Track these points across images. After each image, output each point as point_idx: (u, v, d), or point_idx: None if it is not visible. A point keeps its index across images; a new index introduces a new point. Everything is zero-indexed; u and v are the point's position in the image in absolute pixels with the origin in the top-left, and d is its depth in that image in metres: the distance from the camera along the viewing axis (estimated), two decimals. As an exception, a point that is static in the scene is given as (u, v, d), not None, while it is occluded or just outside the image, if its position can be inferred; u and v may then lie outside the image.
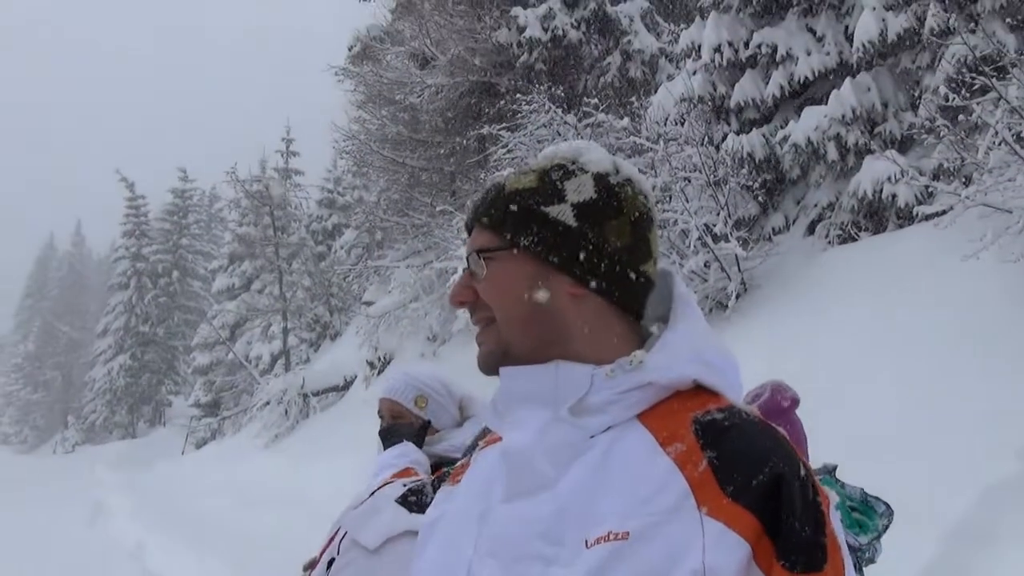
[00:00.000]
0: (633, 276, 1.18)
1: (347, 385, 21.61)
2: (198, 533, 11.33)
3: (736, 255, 10.20)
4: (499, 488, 1.16)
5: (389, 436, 2.62)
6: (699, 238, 10.31)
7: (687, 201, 10.49)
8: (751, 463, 1.02)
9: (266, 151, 33.43)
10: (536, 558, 1.06)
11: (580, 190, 1.17)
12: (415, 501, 2.05)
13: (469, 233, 1.24)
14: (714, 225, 10.42)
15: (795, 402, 3.03)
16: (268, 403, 22.71)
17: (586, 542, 1.04)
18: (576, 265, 1.15)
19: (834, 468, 2.99)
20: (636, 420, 1.11)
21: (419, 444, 2.58)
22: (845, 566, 1.02)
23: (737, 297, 10.28)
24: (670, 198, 10.77)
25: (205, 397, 32.61)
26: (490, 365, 1.20)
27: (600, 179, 1.19)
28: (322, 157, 31.38)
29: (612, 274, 1.16)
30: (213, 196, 52.44)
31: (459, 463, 1.38)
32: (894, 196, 9.65)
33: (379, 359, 19.54)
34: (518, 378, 1.16)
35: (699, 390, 1.13)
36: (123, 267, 45.24)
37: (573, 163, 1.20)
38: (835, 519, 1.04)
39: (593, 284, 1.16)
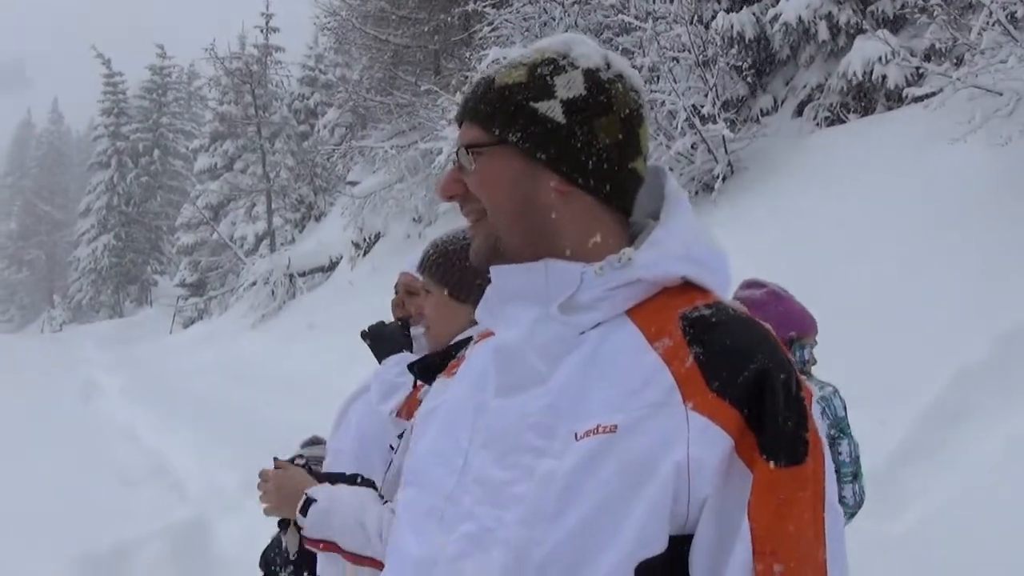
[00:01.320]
0: (622, 173, 1.18)
1: (333, 266, 21.67)
2: (190, 410, 11.49)
3: (723, 137, 10.13)
4: (492, 382, 1.19)
5: (378, 341, 2.50)
6: (686, 119, 10.22)
7: (675, 82, 10.35)
8: (737, 359, 1.05)
9: (245, 27, 32.54)
10: (528, 450, 1.10)
11: (570, 86, 1.16)
12: None
13: (459, 127, 1.24)
14: (702, 106, 10.31)
15: (772, 294, 3.06)
16: (254, 283, 22.83)
17: (576, 435, 1.07)
18: (564, 162, 1.15)
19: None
20: (625, 316, 1.13)
21: (408, 346, 2.48)
22: (825, 458, 1.06)
23: (723, 179, 10.27)
24: (658, 79, 10.64)
25: (191, 277, 32.66)
26: (481, 258, 1.22)
27: (590, 75, 1.17)
28: (303, 33, 30.63)
29: (600, 171, 1.16)
30: (192, 74, 51.25)
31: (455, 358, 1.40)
32: (884, 77, 9.56)
33: (364, 240, 19.54)
34: (509, 276, 1.18)
35: (687, 286, 1.14)
36: (103, 146, 44.49)
37: (564, 58, 1.19)
38: (816, 413, 1.07)
39: (581, 181, 1.16)
